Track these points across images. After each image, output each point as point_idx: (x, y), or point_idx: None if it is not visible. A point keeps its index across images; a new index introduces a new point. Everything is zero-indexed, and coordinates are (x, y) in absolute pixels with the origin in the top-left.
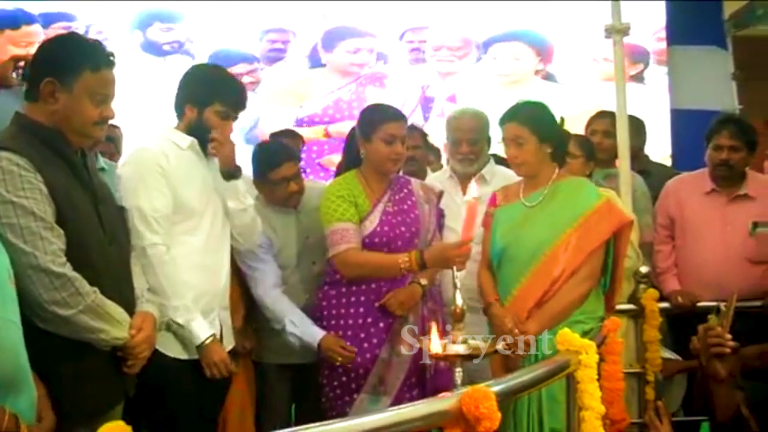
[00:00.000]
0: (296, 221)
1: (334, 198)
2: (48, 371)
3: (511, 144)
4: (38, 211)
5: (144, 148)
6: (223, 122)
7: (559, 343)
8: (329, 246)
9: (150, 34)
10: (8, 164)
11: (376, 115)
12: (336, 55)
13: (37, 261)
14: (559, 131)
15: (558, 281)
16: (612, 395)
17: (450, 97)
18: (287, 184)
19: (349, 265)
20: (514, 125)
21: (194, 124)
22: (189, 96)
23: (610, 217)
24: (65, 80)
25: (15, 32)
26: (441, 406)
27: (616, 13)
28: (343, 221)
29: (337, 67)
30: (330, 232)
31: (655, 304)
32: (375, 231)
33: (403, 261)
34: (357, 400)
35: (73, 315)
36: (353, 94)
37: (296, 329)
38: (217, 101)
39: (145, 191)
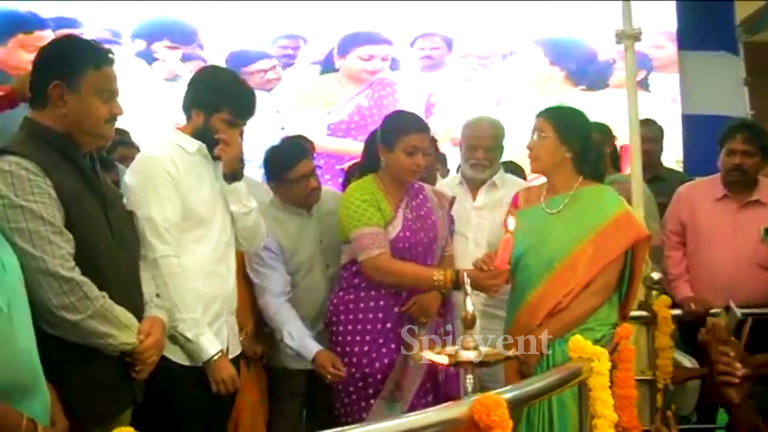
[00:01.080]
0: (310, 224)
1: (359, 202)
2: (57, 376)
3: (534, 136)
4: (47, 216)
5: (151, 156)
6: (229, 129)
7: (571, 350)
8: (358, 250)
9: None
10: (17, 169)
11: (399, 125)
12: (349, 60)
13: (46, 265)
14: (585, 140)
15: (572, 291)
16: (624, 402)
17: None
18: (306, 181)
19: (381, 271)
20: (541, 119)
21: (200, 129)
22: (197, 100)
23: (627, 230)
24: (71, 82)
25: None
26: (452, 413)
27: (627, 18)
28: (371, 225)
29: (350, 73)
30: (358, 236)
31: (668, 311)
32: (398, 236)
33: (438, 278)
34: (374, 406)
35: (82, 320)
36: (371, 101)
37: (293, 342)
38: (225, 109)
39: (156, 201)
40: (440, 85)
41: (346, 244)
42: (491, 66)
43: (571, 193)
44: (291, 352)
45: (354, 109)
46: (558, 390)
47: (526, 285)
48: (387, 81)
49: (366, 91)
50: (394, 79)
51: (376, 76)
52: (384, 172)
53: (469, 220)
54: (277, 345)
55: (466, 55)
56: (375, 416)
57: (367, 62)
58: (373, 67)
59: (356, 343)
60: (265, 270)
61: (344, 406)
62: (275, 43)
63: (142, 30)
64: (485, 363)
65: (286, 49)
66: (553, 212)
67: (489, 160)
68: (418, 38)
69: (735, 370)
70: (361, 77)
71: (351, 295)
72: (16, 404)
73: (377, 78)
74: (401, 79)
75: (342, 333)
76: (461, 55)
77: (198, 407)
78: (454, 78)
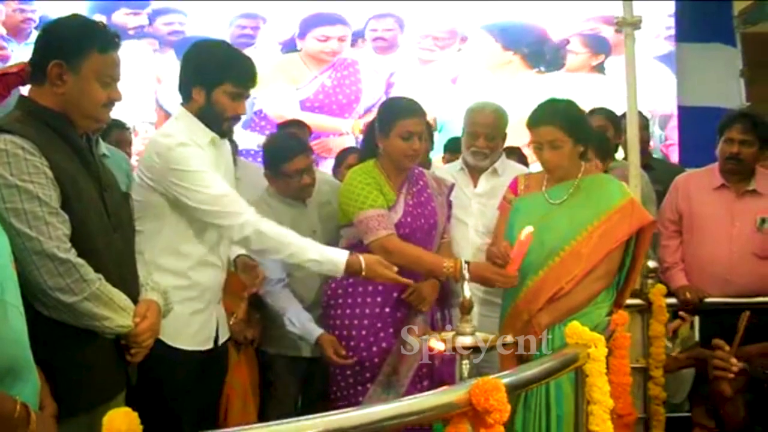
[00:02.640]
0: (305, 215)
1: (363, 185)
2: (51, 359)
3: (547, 147)
4: (43, 196)
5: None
6: (234, 103)
7: (568, 336)
8: (365, 232)
9: (115, 18)
10: (13, 148)
11: (393, 110)
12: (308, 42)
13: (41, 246)
14: (590, 129)
15: (575, 277)
16: (619, 389)
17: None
18: (300, 176)
19: (390, 252)
20: (552, 129)
21: (204, 107)
22: (195, 77)
23: (632, 217)
24: (73, 62)
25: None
26: (451, 397)
27: (627, 6)
28: (376, 207)
29: (310, 54)
30: (364, 218)
31: (663, 299)
32: (399, 222)
33: (448, 267)
34: (370, 390)
35: (78, 302)
36: (334, 80)
37: (295, 328)
38: (227, 81)
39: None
40: (400, 65)
41: (345, 228)
42: (448, 48)
43: (575, 183)
44: (294, 337)
45: (319, 88)
46: (555, 375)
47: (527, 271)
48: (349, 61)
49: (328, 71)
50: (356, 59)
51: (337, 56)
52: (383, 158)
53: (470, 206)
54: (272, 331)
55: (426, 36)
56: (371, 401)
57: (323, 43)
58: (331, 48)
59: (354, 327)
60: (262, 259)
61: (340, 389)
62: (234, 23)
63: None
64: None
65: (245, 29)
66: (557, 202)
67: (490, 148)
68: (371, 19)
69: (730, 365)
70: (321, 58)
71: (349, 280)
72: (8, 388)
73: (339, 58)
74: (362, 59)
75: (340, 317)
76: (421, 36)
77: (188, 390)
78: (413, 59)
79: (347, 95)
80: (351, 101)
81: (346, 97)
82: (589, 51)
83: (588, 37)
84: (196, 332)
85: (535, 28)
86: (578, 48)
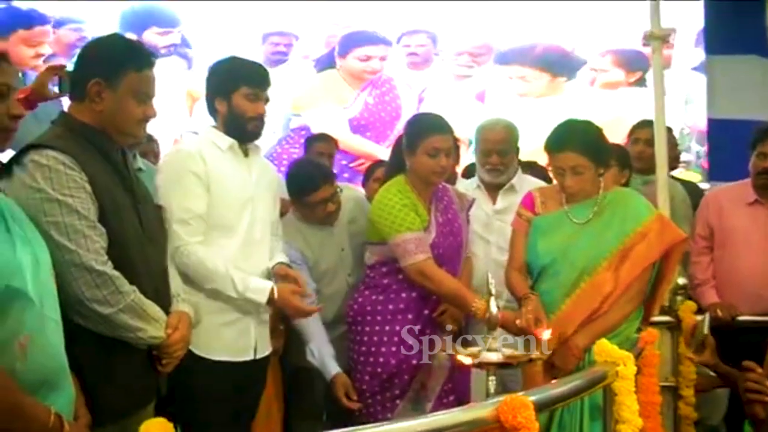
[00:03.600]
0: (332, 234)
1: (400, 206)
2: (85, 369)
3: (569, 173)
4: (82, 210)
5: (179, 150)
6: (253, 104)
7: (596, 354)
8: (402, 255)
9: (146, 37)
10: (55, 163)
11: (420, 127)
12: (349, 61)
13: (80, 259)
14: (609, 149)
15: (609, 298)
16: (648, 409)
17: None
18: (325, 205)
19: (427, 278)
20: (573, 155)
21: (228, 115)
22: (214, 91)
23: (664, 234)
24: (111, 80)
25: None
26: (478, 413)
27: (655, 19)
28: (414, 230)
29: (350, 72)
30: (401, 241)
31: (693, 316)
32: (434, 242)
33: (477, 308)
34: (399, 406)
35: (113, 313)
36: (375, 98)
37: (314, 359)
38: (242, 85)
39: (179, 192)
40: (432, 81)
41: (375, 246)
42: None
43: (598, 200)
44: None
45: (363, 106)
46: (584, 393)
47: (559, 295)
48: (385, 77)
49: (368, 88)
50: (391, 74)
51: (375, 75)
52: (411, 174)
53: (491, 224)
54: (298, 344)
55: (461, 52)
56: (401, 416)
57: (365, 63)
58: (372, 68)
59: (383, 344)
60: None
61: (367, 406)
62: (267, 41)
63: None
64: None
65: (278, 46)
66: (582, 222)
67: (504, 164)
68: (404, 35)
69: (764, 388)
70: (362, 77)
71: (380, 296)
72: (43, 398)
73: (377, 75)
74: (397, 75)
75: (368, 333)
76: (456, 53)
77: (219, 401)
78: (446, 74)
79: (389, 112)
80: (393, 118)
81: (388, 114)
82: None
83: (621, 53)
84: (227, 343)
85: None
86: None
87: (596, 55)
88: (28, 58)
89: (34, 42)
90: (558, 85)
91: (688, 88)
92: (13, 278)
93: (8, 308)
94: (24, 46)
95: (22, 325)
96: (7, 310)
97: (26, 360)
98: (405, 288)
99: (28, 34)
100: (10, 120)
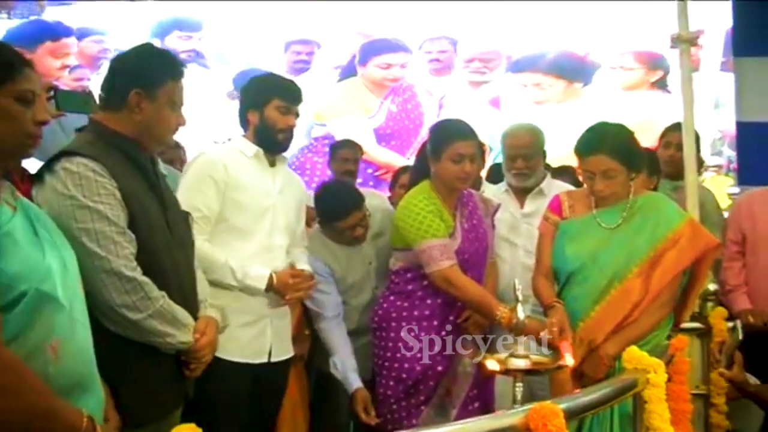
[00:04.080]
0: (359, 250)
1: (425, 213)
2: (114, 373)
3: (600, 177)
4: (112, 216)
5: (202, 155)
6: (284, 117)
7: (626, 361)
8: (427, 261)
9: (168, 42)
10: (85, 170)
11: (444, 133)
12: (369, 69)
13: (110, 265)
14: (642, 154)
15: (640, 305)
16: (679, 417)
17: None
18: (353, 230)
19: (452, 284)
20: (604, 158)
21: (259, 126)
22: (248, 102)
23: (696, 240)
24: (151, 91)
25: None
26: (507, 421)
27: (683, 21)
28: (439, 237)
29: (371, 80)
30: (426, 248)
31: (724, 323)
32: (459, 248)
33: (501, 316)
34: (424, 413)
35: (143, 319)
36: (398, 106)
37: (337, 372)
38: (275, 97)
39: (191, 192)
40: (451, 87)
41: (400, 251)
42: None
43: (628, 205)
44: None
45: (387, 115)
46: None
47: (588, 301)
48: (406, 84)
49: (390, 95)
50: (411, 81)
51: (397, 82)
52: (436, 180)
53: (518, 227)
54: (322, 350)
55: (471, 58)
56: (425, 423)
57: (386, 71)
58: (393, 75)
59: (408, 350)
60: (318, 295)
61: (392, 413)
62: (289, 49)
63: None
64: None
65: (300, 54)
66: (611, 227)
67: (530, 168)
68: (426, 41)
69: None
70: (384, 85)
71: (405, 302)
72: (75, 401)
73: (398, 83)
74: (417, 82)
75: (393, 339)
76: (465, 59)
77: (236, 403)
78: (461, 81)
79: (412, 120)
80: (416, 126)
81: (411, 122)
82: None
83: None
84: (245, 345)
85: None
86: (631, 63)
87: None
88: (54, 69)
89: (61, 54)
90: (575, 90)
91: (718, 91)
92: (43, 282)
93: (39, 312)
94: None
95: (52, 328)
96: (38, 313)
97: (58, 363)
98: (430, 294)
99: (54, 46)
100: (35, 126)
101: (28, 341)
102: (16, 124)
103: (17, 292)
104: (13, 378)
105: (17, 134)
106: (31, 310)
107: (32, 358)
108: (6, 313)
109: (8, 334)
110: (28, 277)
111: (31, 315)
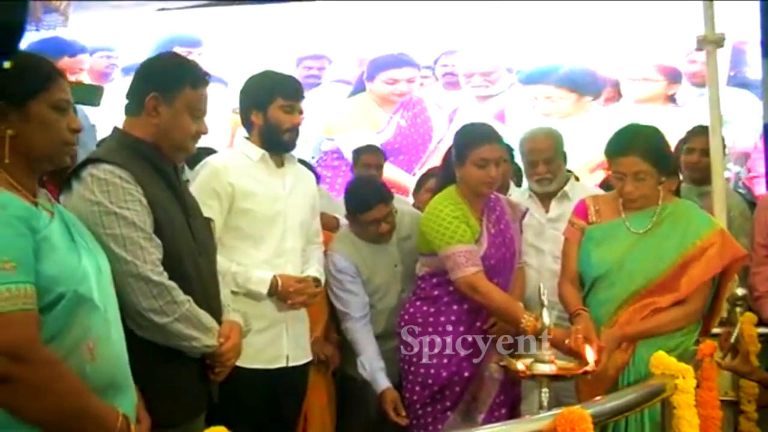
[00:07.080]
0: (387, 250)
1: (451, 218)
2: (140, 377)
3: (630, 178)
4: (139, 222)
5: (207, 164)
6: (289, 116)
7: (653, 366)
8: (453, 267)
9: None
10: (112, 177)
11: (468, 138)
12: (376, 84)
13: (137, 270)
14: (672, 156)
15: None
16: (708, 423)
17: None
18: (379, 225)
19: (477, 291)
20: (635, 159)
21: (264, 127)
22: (250, 104)
23: (724, 250)
24: (167, 95)
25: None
26: (535, 425)
27: (709, 22)
28: (464, 243)
29: (379, 95)
30: (452, 254)
31: (754, 328)
32: (485, 254)
33: (526, 323)
34: (450, 418)
35: (169, 323)
36: (407, 120)
37: (365, 372)
38: (277, 96)
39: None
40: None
41: (426, 257)
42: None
43: (657, 210)
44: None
45: (396, 130)
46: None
47: (612, 305)
48: (415, 99)
49: (400, 110)
50: (421, 96)
51: (404, 97)
52: (462, 185)
53: (544, 232)
54: (351, 355)
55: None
56: (451, 428)
57: (392, 86)
58: (400, 90)
59: (435, 356)
60: (345, 294)
61: (418, 418)
62: (300, 65)
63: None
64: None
65: (311, 69)
66: (640, 232)
67: (552, 172)
68: (442, 55)
69: None
70: (391, 100)
71: (431, 308)
72: (109, 400)
73: (406, 97)
74: (427, 97)
75: (419, 344)
76: (466, 74)
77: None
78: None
79: (421, 134)
80: (425, 140)
81: (420, 137)
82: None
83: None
84: (258, 351)
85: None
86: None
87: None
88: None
89: (76, 69)
90: (584, 104)
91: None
92: (80, 285)
93: (76, 313)
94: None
95: (89, 329)
96: (75, 315)
97: (94, 363)
98: (456, 300)
99: (71, 62)
100: (71, 134)
101: (65, 341)
102: (53, 132)
103: (55, 294)
104: (49, 376)
105: (54, 142)
106: (68, 311)
107: (70, 357)
108: (44, 315)
109: (46, 334)
110: (65, 280)
111: (69, 316)
